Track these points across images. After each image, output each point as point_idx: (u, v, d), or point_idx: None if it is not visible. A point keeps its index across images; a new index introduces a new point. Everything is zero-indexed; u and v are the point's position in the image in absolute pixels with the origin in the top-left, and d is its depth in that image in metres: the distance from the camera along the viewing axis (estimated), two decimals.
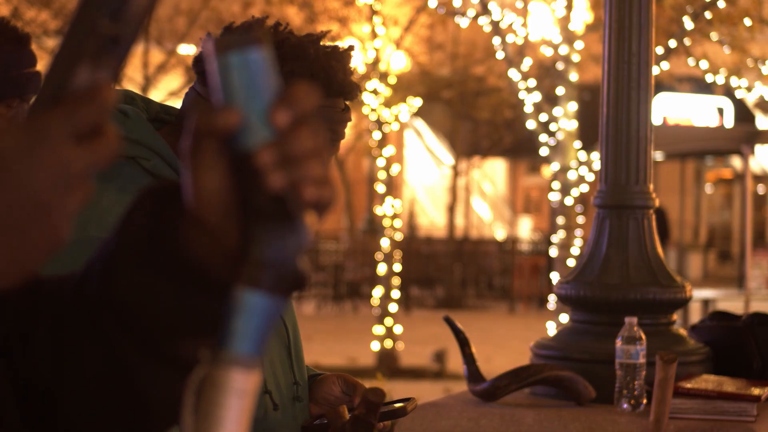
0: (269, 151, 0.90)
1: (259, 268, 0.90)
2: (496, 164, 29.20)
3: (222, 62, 0.89)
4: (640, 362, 3.36)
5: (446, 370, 11.28)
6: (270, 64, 0.90)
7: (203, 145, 0.92)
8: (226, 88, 0.90)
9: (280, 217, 0.91)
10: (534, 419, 3.50)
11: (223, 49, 0.89)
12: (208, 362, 0.90)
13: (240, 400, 0.89)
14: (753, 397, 3.47)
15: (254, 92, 0.90)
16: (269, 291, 0.90)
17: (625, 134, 3.80)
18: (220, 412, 0.89)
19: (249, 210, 0.92)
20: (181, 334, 1.02)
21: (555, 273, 10.06)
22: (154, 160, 1.96)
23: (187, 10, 14.12)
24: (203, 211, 0.95)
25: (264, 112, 0.90)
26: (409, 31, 13.50)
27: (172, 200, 1.00)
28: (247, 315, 0.90)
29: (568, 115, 10.02)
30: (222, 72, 0.90)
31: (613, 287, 3.74)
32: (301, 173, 0.90)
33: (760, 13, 10.63)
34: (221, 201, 0.94)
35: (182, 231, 0.99)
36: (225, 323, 0.91)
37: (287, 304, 0.93)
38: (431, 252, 20.52)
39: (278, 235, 0.91)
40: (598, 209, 3.87)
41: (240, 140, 0.90)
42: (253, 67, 0.89)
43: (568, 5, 9.98)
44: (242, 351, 0.90)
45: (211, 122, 0.91)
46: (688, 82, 15.43)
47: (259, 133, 0.90)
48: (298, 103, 0.90)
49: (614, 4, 3.83)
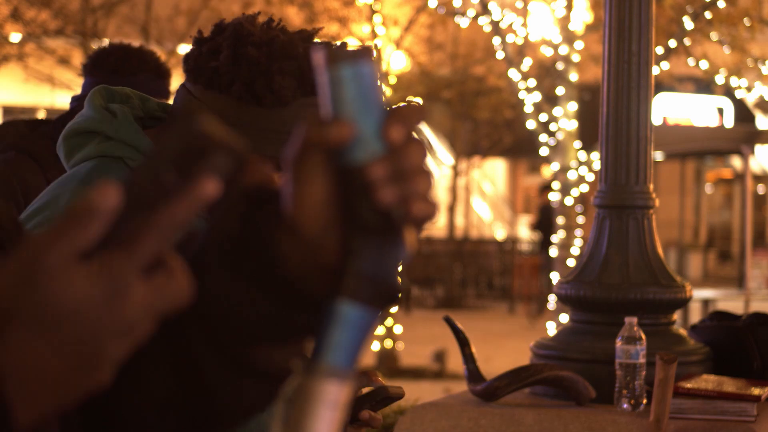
0: (381, 165, 0.89)
1: (359, 281, 0.90)
2: (496, 164, 29.21)
3: (333, 74, 0.89)
4: (640, 362, 3.36)
5: (446, 370, 11.28)
6: (379, 78, 0.90)
7: (310, 155, 0.91)
8: (337, 101, 0.89)
9: (385, 231, 0.91)
10: (534, 419, 3.50)
11: (335, 62, 0.89)
12: (301, 373, 0.90)
13: (332, 412, 0.89)
14: (753, 397, 3.47)
15: (365, 106, 0.89)
16: (366, 304, 0.90)
17: (625, 134, 3.80)
18: (311, 423, 0.89)
19: (353, 223, 0.91)
20: (263, 343, 1.01)
21: (555, 273, 10.06)
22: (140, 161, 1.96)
23: (187, 10, 14.11)
24: (303, 222, 0.93)
25: (375, 126, 0.89)
26: (409, 31, 13.49)
27: (265, 206, 0.98)
28: (343, 327, 0.90)
29: (568, 115, 10.02)
30: (333, 84, 0.89)
31: (613, 287, 3.74)
32: (411, 189, 0.90)
33: (760, 13, 10.63)
34: (323, 213, 0.93)
35: (278, 240, 0.97)
36: (319, 334, 0.90)
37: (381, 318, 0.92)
38: (431, 252, 20.51)
39: (380, 249, 0.91)
40: (598, 209, 3.87)
41: (349, 153, 0.90)
42: (365, 81, 0.89)
43: (568, 5, 9.98)
44: (337, 363, 0.89)
45: (322, 134, 0.90)
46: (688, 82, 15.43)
47: (368, 148, 0.90)
48: (410, 119, 0.91)
49: (614, 4, 3.83)
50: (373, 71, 0.89)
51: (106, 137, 1.98)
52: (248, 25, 1.96)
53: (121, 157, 1.96)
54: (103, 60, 3.47)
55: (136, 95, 2.09)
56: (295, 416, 0.89)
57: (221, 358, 1.02)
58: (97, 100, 2.03)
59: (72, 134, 2.02)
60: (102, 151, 1.97)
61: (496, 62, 14.36)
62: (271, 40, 1.95)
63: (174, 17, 14.16)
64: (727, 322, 3.88)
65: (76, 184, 1.93)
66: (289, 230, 0.95)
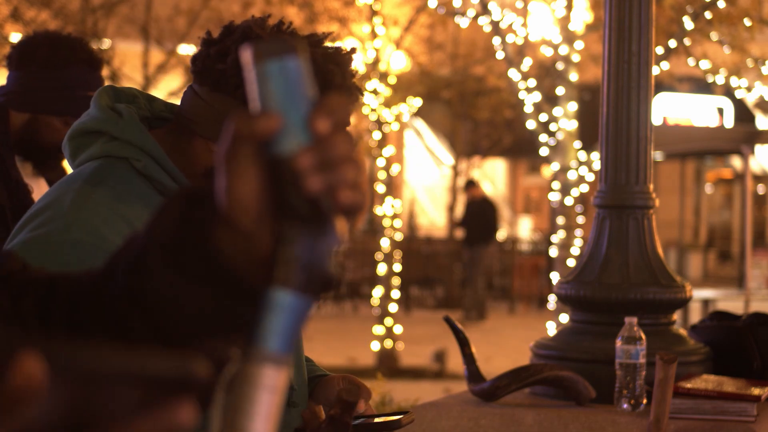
0: (308, 155, 0.93)
1: (291, 268, 0.93)
2: (496, 164, 29.20)
3: (260, 70, 0.93)
4: (640, 362, 3.36)
5: (446, 370, 11.28)
6: (305, 72, 0.94)
7: (240, 149, 0.94)
8: (264, 95, 0.93)
9: (315, 219, 0.94)
10: (534, 419, 3.50)
11: (261, 57, 0.92)
12: (239, 359, 0.93)
13: (270, 395, 0.92)
14: (753, 397, 3.47)
15: (291, 99, 0.93)
16: (300, 290, 0.93)
17: (625, 134, 3.81)
18: (250, 407, 0.91)
19: (284, 212, 0.94)
20: (206, 336, 1.03)
21: (555, 273, 10.06)
22: (145, 161, 1.96)
23: (187, 10, 14.11)
24: (237, 214, 0.96)
25: (302, 118, 0.93)
26: (409, 31, 13.49)
27: (202, 203, 1.02)
28: (278, 313, 0.93)
29: (568, 115, 10.02)
30: (260, 79, 0.93)
31: (613, 287, 3.74)
32: (337, 177, 0.93)
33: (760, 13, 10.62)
34: (256, 205, 0.96)
35: (214, 234, 1.00)
36: (256, 322, 0.93)
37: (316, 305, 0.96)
38: (431, 252, 20.51)
39: (311, 237, 0.94)
40: (598, 209, 3.87)
41: (277, 145, 0.93)
42: (290, 75, 0.93)
43: (568, 5, 9.98)
44: (273, 348, 0.92)
45: (250, 127, 0.93)
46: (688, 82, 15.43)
47: (296, 139, 0.93)
48: (335, 110, 0.94)
49: (614, 4, 3.83)
50: (299, 66, 0.93)
51: (112, 137, 1.99)
52: (257, 28, 1.96)
53: (126, 158, 1.97)
54: (31, 53, 3.28)
55: (142, 95, 2.09)
56: (234, 401, 0.92)
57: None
58: (103, 100, 2.04)
59: (77, 134, 2.03)
60: (107, 151, 1.98)
61: (496, 62, 14.36)
62: None
63: (174, 17, 14.16)
64: (727, 322, 3.88)
65: (81, 184, 1.94)
66: (224, 224, 0.98)
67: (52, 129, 3.28)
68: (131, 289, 1.04)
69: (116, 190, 1.92)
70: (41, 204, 1.94)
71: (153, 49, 13.97)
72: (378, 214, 12.05)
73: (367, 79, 11.54)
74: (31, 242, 1.87)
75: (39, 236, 1.87)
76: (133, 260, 1.04)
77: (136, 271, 1.04)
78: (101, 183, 1.93)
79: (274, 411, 0.92)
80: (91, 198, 1.90)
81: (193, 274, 1.01)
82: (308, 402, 2.18)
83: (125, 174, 1.95)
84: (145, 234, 1.04)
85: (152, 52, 13.89)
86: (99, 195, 1.91)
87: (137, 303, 1.04)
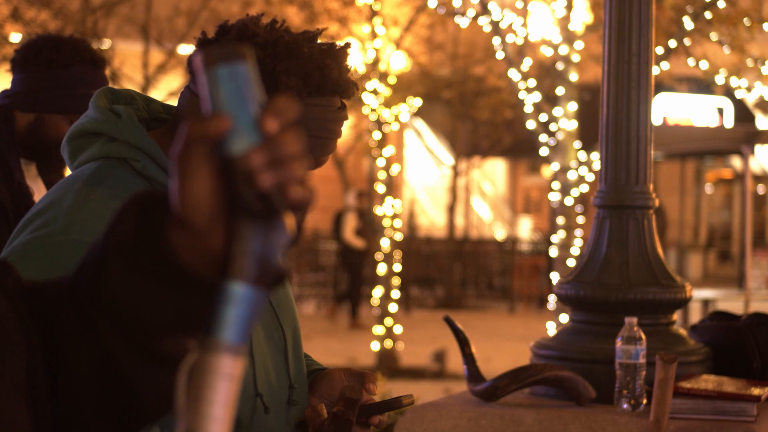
0: (259, 153, 0.98)
1: (245, 262, 0.99)
2: (496, 164, 29.20)
3: (211, 74, 0.98)
4: (640, 362, 3.36)
5: (446, 370, 11.28)
6: (253, 76, 0.99)
7: (192, 151, 0.99)
8: (215, 98, 0.98)
9: (266, 214, 0.99)
10: (534, 419, 3.50)
11: (212, 62, 0.98)
12: (198, 349, 0.99)
13: (227, 383, 0.98)
14: (753, 397, 3.47)
15: (240, 101, 0.98)
16: (253, 283, 0.99)
17: (625, 134, 3.81)
18: (209, 394, 0.98)
19: (237, 209, 1.00)
20: (168, 332, 1.09)
21: (555, 273, 10.06)
22: (144, 161, 1.96)
23: (187, 11, 14.11)
24: (190, 214, 1.01)
25: (251, 119, 0.98)
26: (409, 31, 13.49)
27: (158, 205, 1.07)
28: (234, 305, 0.99)
29: (568, 115, 10.02)
30: (211, 83, 0.98)
31: (613, 287, 3.74)
32: (287, 174, 0.99)
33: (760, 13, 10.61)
34: (208, 204, 1.01)
35: (169, 234, 1.05)
36: (213, 315, 0.99)
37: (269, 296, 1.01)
38: (431, 252, 20.51)
39: (262, 232, 0.99)
40: (598, 209, 3.87)
41: (229, 146, 0.99)
42: (239, 79, 0.98)
43: (568, 5, 9.97)
44: (228, 339, 0.99)
45: (201, 129, 0.98)
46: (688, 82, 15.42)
47: (246, 139, 0.98)
48: (283, 111, 0.99)
49: (614, 4, 3.83)
50: (248, 70, 0.98)
51: (111, 138, 1.99)
52: (253, 26, 1.96)
53: (125, 158, 1.97)
54: (35, 54, 3.32)
55: (140, 96, 2.09)
56: (194, 389, 0.98)
57: (138, 353, 1.10)
58: (102, 101, 2.04)
59: (76, 135, 2.03)
60: (106, 152, 1.98)
61: (496, 62, 14.35)
62: (276, 41, 1.95)
63: (174, 17, 14.16)
64: (727, 322, 3.88)
65: (81, 185, 1.94)
66: (178, 224, 1.03)
67: (57, 128, 3.30)
68: (94, 292, 1.09)
69: (115, 190, 1.92)
70: (41, 205, 1.95)
71: (153, 49, 13.97)
72: (378, 214, 12.04)
73: (367, 79, 11.53)
74: (32, 243, 1.87)
75: (39, 237, 1.87)
76: (95, 265, 1.09)
77: (97, 275, 1.09)
78: (101, 184, 1.93)
79: (231, 396, 0.98)
80: (91, 199, 1.91)
81: (151, 275, 1.06)
82: (308, 397, 2.18)
83: (124, 175, 1.96)
84: (103, 239, 1.10)
85: (152, 52, 13.89)
86: (98, 196, 1.91)
87: (101, 305, 1.09)
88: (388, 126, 11.85)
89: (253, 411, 2.03)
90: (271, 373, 2.07)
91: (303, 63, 1.95)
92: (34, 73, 3.31)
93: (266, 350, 2.08)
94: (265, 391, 2.05)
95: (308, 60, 1.96)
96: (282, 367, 2.11)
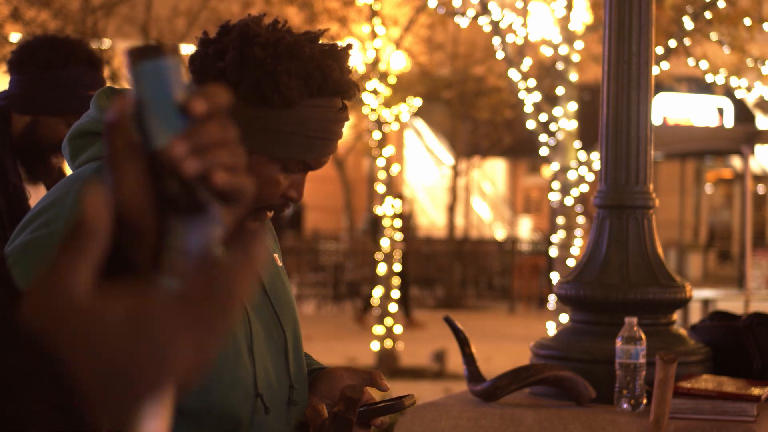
0: (181, 141, 0.97)
1: (174, 256, 0.98)
2: (496, 164, 29.20)
3: (135, 70, 0.98)
4: (640, 362, 3.36)
5: (446, 370, 11.28)
6: (179, 72, 0.99)
7: (115, 143, 0.99)
8: (139, 92, 0.98)
9: (193, 205, 0.98)
10: (534, 419, 3.50)
11: (136, 58, 0.98)
12: None
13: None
14: (753, 397, 3.47)
15: (164, 95, 0.98)
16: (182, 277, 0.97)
17: (625, 134, 3.81)
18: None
19: (165, 202, 0.99)
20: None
21: (555, 273, 10.06)
22: None
23: (186, 11, 14.11)
24: (124, 210, 1.01)
25: (175, 112, 0.98)
26: (409, 31, 13.49)
27: None
28: None
29: (568, 115, 10.02)
30: (135, 78, 0.98)
31: (613, 287, 3.74)
32: (211, 160, 0.97)
33: (760, 13, 10.62)
34: (138, 199, 1.00)
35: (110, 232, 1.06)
36: None
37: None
38: (431, 252, 20.51)
39: (192, 224, 0.98)
40: (598, 209, 3.87)
41: (154, 140, 0.98)
42: (163, 74, 0.98)
43: (568, 5, 9.97)
44: None
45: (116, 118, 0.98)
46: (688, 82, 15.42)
47: (170, 130, 0.98)
48: (207, 98, 0.97)
49: (614, 4, 3.83)
50: (172, 65, 0.98)
51: None
52: (254, 26, 1.96)
53: None
54: (31, 55, 3.31)
55: None
56: None
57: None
58: (102, 101, 2.04)
59: (76, 135, 2.03)
60: None
61: (496, 62, 14.36)
62: (278, 41, 1.96)
63: (174, 17, 14.16)
64: (727, 322, 3.88)
65: (81, 185, 1.94)
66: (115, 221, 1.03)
67: (53, 129, 3.28)
68: None
69: None
70: (42, 205, 1.95)
71: None
72: (378, 214, 12.04)
73: (367, 79, 11.53)
74: (33, 243, 1.88)
75: (41, 237, 1.88)
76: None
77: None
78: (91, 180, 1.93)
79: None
80: (68, 195, 1.91)
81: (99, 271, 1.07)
82: (309, 396, 2.18)
83: None
84: None
85: None
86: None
87: None
88: (388, 126, 11.85)
89: (254, 411, 2.03)
90: (271, 373, 2.07)
91: (304, 63, 1.95)
92: (30, 74, 3.29)
93: (266, 350, 2.08)
94: (266, 391, 2.05)
95: (309, 60, 1.96)
96: (282, 367, 2.11)
